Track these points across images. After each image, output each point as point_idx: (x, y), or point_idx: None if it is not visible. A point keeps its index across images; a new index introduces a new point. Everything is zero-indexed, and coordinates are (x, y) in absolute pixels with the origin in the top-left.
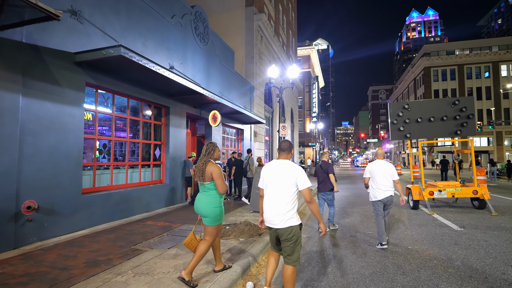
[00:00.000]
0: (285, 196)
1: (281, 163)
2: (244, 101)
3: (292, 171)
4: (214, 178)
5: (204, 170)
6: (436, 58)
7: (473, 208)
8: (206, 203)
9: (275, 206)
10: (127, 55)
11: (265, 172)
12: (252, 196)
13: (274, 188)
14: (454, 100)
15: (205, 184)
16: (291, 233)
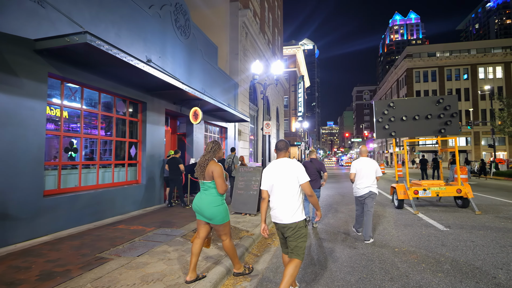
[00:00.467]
0: (293, 192)
1: (282, 162)
2: (228, 98)
3: (293, 167)
4: (215, 176)
5: (205, 168)
6: (418, 59)
7: (456, 207)
8: (208, 204)
9: (286, 203)
10: (94, 43)
11: (269, 173)
12: (234, 197)
13: (281, 186)
14: (438, 98)
15: (205, 183)
16: (301, 227)
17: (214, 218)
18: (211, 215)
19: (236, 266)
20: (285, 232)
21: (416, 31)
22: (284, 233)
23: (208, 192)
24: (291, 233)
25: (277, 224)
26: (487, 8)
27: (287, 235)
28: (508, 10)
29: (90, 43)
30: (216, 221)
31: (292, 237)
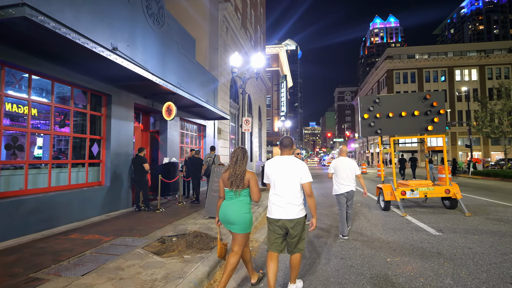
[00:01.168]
0: (296, 189)
1: (287, 159)
2: (207, 95)
3: (297, 166)
4: (252, 185)
5: (244, 177)
6: (398, 61)
7: (444, 208)
8: (236, 209)
9: (287, 198)
10: (36, 19)
11: (272, 168)
12: (208, 199)
13: (284, 181)
14: (425, 94)
15: (240, 191)
16: (301, 223)
17: (237, 223)
18: (236, 219)
19: (253, 277)
20: (289, 227)
21: (396, 34)
22: (288, 228)
23: (241, 199)
24: (293, 227)
25: (279, 220)
26: (461, 14)
27: (290, 229)
28: (481, 16)
29: (30, 18)
30: (238, 228)
31: (295, 231)
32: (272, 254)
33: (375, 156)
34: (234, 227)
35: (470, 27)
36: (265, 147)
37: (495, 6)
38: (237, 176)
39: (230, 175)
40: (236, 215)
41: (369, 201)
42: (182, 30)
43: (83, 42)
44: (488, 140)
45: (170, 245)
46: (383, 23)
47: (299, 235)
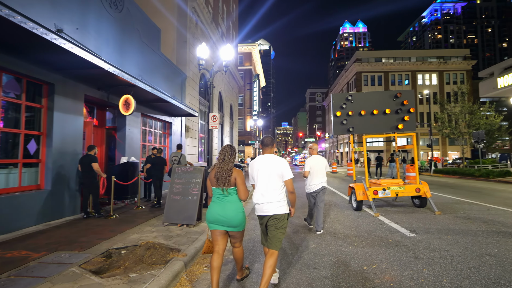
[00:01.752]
0: (278, 185)
1: (269, 157)
2: (174, 90)
3: (279, 164)
4: (238, 183)
5: (231, 175)
6: (366, 64)
7: (414, 207)
8: (235, 211)
9: (270, 194)
10: None
11: (255, 167)
12: (168, 204)
13: (267, 179)
14: (396, 93)
15: (228, 189)
16: (283, 219)
17: (240, 224)
18: (238, 221)
19: (240, 273)
20: (269, 223)
21: (364, 39)
22: (268, 223)
23: (230, 198)
24: (273, 222)
25: (263, 217)
26: (422, 23)
27: (269, 224)
28: (439, 26)
29: None
30: (240, 228)
31: (274, 226)
32: (266, 249)
33: (344, 155)
34: (237, 228)
35: (430, 36)
36: (236, 146)
37: (451, 17)
38: (223, 173)
39: (216, 172)
40: (237, 217)
41: (341, 201)
42: (145, 18)
43: (19, 21)
44: (446, 140)
45: (116, 261)
46: (352, 28)
47: (276, 230)
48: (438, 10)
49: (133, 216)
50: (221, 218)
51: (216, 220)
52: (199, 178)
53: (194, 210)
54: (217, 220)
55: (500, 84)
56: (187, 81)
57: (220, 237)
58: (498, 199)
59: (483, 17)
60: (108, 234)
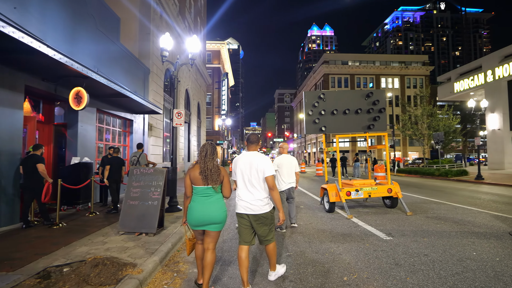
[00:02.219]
0: (260, 182)
1: (253, 155)
2: (135, 85)
3: (262, 161)
4: (225, 181)
5: (220, 173)
6: (333, 66)
7: (385, 207)
8: (219, 208)
9: (254, 193)
10: None
11: (238, 164)
12: (124, 210)
13: (250, 177)
14: (368, 92)
15: (214, 187)
16: (266, 218)
17: (223, 221)
18: (222, 218)
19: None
20: (256, 222)
21: (330, 43)
22: (255, 222)
23: (215, 197)
24: (262, 221)
25: (245, 215)
26: (385, 30)
27: (258, 223)
28: (400, 33)
29: None
30: (219, 227)
31: (263, 224)
32: (242, 247)
33: (312, 155)
34: (215, 226)
35: (392, 42)
36: None
37: (411, 25)
38: (210, 171)
39: (202, 170)
40: (221, 214)
41: (312, 202)
42: (102, 4)
43: None
44: (406, 141)
45: (54, 283)
46: (319, 31)
47: (267, 225)
48: (399, 18)
49: (84, 224)
50: (206, 217)
51: (202, 220)
52: (161, 181)
53: (154, 217)
54: (203, 220)
55: (456, 89)
56: (150, 76)
57: (199, 236)
58: (461, 198)
59: (439, 26)
60: (50, 247)
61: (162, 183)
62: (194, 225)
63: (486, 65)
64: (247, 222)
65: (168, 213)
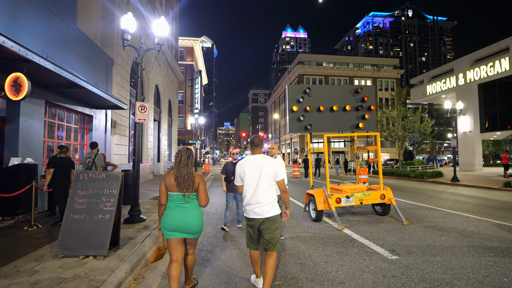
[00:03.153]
0: (270, 186)
1: (260, 158)
2: (96, 77)
3: (272, 164)
4: (201, 188)
5: (194, 179)
6: (308, 67)
7: (376, 215)
8: (197, 217)
9: (264, 197)
10: None
11: (246, 168)
12: (66, 227)
13: (260, 181)
14: (356, 88)
15: (190, 195)
16: (275, 221)
17: (200, 230)
18: (199, 228)
19: (188, 282)
20: (262, 225)
21: (304, 45)
22: (262, 226)
23: (191, 204)
24: (269, 224)
25: (253, 220)
26: (356, 34)
27: (265, 227)
28: (371, 38)
29: None
30: (199, 234)
31: (271, 229)
32: (253, 252)
33: (286, 156)
34: (192, 235)
35: (363, 46)
36: (176, 146)
37: (381, 30)
38: (183, 177)
39: (176, 176)
40: (199, 223)
41: (295, 209)
42: None
43: None
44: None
45: None
46: (293, 33)
47: (273, 232)
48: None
49: (17, 242)
50: (183, 225)
51: (178, 227)
52: (115, 188)
53: (105, 234)
54: (179, 228)
55: (429, 91)
56: (114, 67)
57: (179, 245)
58: (448, 202)
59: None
60: None
61: (117, 191)
62: (169, 229)
63: (458, 69)
64: (256, 227)
65: (128, 224)
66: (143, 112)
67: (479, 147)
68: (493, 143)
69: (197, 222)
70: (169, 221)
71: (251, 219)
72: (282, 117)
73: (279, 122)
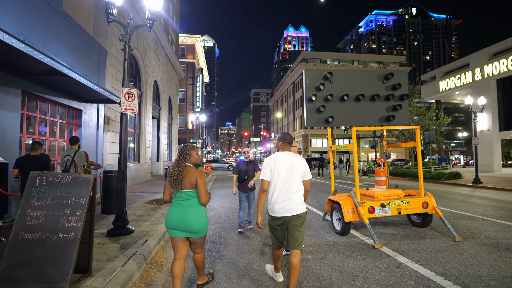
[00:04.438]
0: (299, 185)
1: (291, 155)
2: (88, 68)
3: (302, 163)
4: (199, 184)
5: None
6: (312, 64)
7: (412, 226)
8: (194, 215)
9: (294, 194)
10: None
11: (277, 164)
12: (12, 250)
13: (290, 178)
14: (387, 72)
15: (187, 192)
16: (304, 218)
17: (201, 230)
18: (199, 227)
19: (201, 278)
20: (290, 223)
21: (306, 44)
22: (290, 223)
23: (190, 202)
24: (298, 221)
25: (282, 218)
26: (359, 33)
27: (293, 224)
28: (374, 36)
29: None
30: (201, 234)
31: (297, 226)
32: (277, 251)
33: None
34: (197, 235)
35: (366, 45)
36: (176, 145)
37: (384, 29)
38: (177, 174)
39: (170, 173)
40: (198, 222)
41: (311, 217)
42: None
43: None
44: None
45: None
46: (295, 32)
47: (301, 229)
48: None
49: None
50: (179, 224)
51: (175, 226)
52: (83, 197)
53: (67, 260)
54: (176, 226)
55: (441, 88)
56: (108, 59)
57: (180, 243)
58: (488, 209)
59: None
60: None
61: (86, 200)
62: (169, 227)
63: (474, 63)
64: (283, 225)
65: (111, 238)
66: (131, 100)
67: (498, 147)
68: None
69: (193, 221)
70: (168, 219)
71: (279, 218)
72: (285, 116)
73: (281, 121)
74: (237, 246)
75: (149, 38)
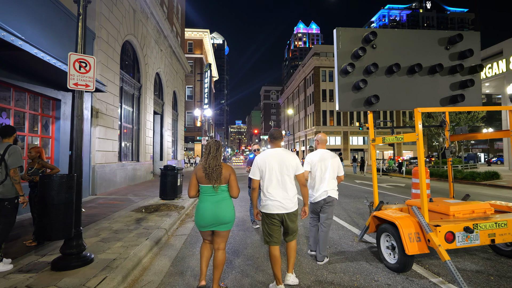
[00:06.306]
0: (292, 180)
1: (281, 151)
2: (69, 50)
3: (293, 158)
4: (232, 179)
5: (222, 171)
6: (324, 59)
7: (497, 255)
8: (227, 207)
9: (287, 191)
10: None
11: (267, 161)
12: None
13: (281, 175)
14: (453, 35)
15: (220, 187)
16: (297, 214)
17: (231, 220)
18: (231, 217)
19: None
20: (287, 219)
21: (317, 41)
22: (286, 219)
23: (223, 195)
24: (293, 218)
25: (277, 215)
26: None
27: (289, 220)
28: None
29: None
30: (231, 225)
31: (294, 221)
32: (274, 247)
33: (300, 154)
34: (224, 226)
35: None
36: (182, 143)
37: (397, 23)
38: (212, 169)
39: (204, 168)
40: (230, 213)
41: (341, 235)
42: None
43: None
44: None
45: None
46: (305, 29)
47: (295, 223)
48: (386, 16)
49: None
50: (213, 219)
51: (209, 222)
52: None
53: None
54: (210, 222)
55: None
56: (96, 43)
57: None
58: None
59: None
60: None
61: None
62: (202, 226)
63: (508, 50)
64: (278, 222)
65: (55, 272)
66: (85, 72)
67: None
68: None
69: (226, 211)
70: (202, 218)
71: (274, 215)
72: (296, 112)
73: (293, 118)
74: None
75: (150, 26)
